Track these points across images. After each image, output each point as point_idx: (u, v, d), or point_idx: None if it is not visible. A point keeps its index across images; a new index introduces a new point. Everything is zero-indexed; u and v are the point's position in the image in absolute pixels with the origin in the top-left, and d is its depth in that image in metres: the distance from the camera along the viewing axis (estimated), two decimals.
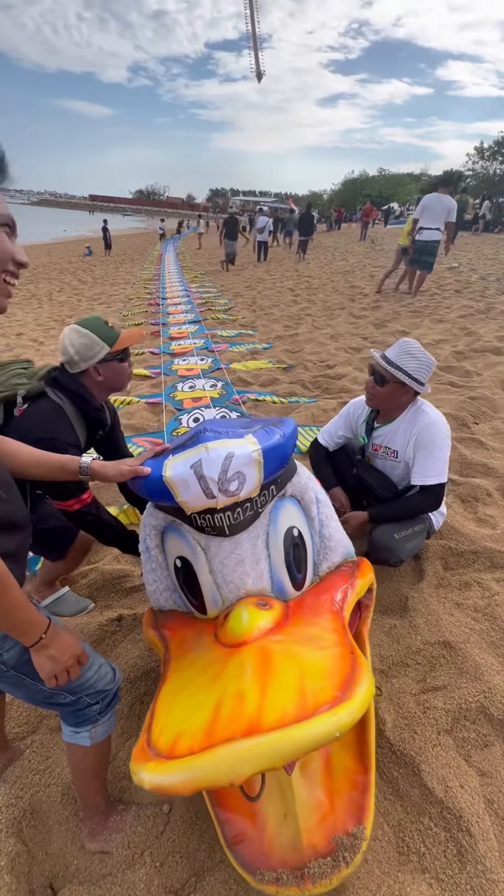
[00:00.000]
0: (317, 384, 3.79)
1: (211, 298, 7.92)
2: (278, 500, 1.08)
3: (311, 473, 1.21)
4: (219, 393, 3.59)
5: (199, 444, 0.98)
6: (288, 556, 1.05)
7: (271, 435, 1.01)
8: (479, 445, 2.65)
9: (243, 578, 1.00)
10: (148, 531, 1.15)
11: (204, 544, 1.03)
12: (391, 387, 1.55)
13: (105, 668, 0.98)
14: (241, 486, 0.95)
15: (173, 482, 0.95)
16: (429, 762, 1.13)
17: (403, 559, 1.61)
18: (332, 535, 1.17)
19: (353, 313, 6.21)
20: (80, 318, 1.40)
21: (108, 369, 1.38)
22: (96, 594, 1.80)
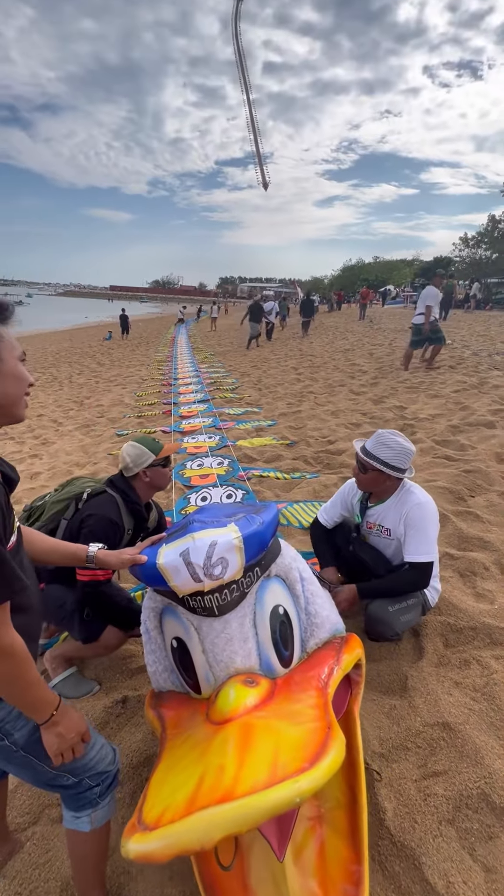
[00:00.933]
0: (318, 459, 3.97)
1: (219, 378, 8.47)
2: (263, 580, 1.17)
3: (296, 553, 1.31)
4: (225, 470, 3.78)
5: (188, 534, 1.12)
6: (274, 634, 1.12)
7: (251, 523, 1.13)
8: (476, 519, 2.74)
9: (232, 657, 1.07)
10: (148, 614, 1.25)
11: (196, 625, 1.12)
12: (373, 474, 1.71)
13: (106, 748, 1.04)
14: (225, 570, 1.06)
15: (166, 569, 1.08)
16: (430, 855, 1.12)
17: (399, 632, 1.65)
18: (319, 612, 1.23)
19: (352, 390, 6.58)
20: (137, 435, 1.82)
21: (154, 473, 1.79)
22: (102, 675, 1.84)
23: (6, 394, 0.86)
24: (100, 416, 6.37)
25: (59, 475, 4.19)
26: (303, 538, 2.70)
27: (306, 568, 1.32)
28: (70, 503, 1.74)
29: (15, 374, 0.87)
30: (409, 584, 1.69)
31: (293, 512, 2.92)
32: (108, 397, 7.63)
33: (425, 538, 1.68)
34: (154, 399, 7.07)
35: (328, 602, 1.34)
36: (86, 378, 9.98)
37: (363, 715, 1.51)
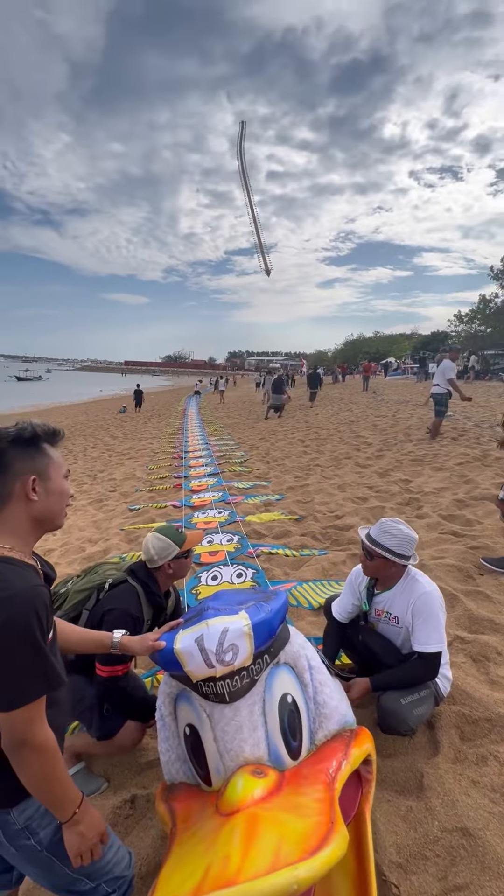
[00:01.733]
0: (327, 535, 4.03)
1: (229, 450, 8.74)
2: (273, 667, 1.22)
3: (305, 640, 1.37)
4: (234, 547, 3.84)
5: (202, 620, 1.21)
6: (283, 723, 1.15)
7: (261, 610, 1.21)
8: (486, 599, 2.73)
9: (242, 745, 1.10)
10: (163, 699, 1.30)
11: (209, 711, 1.16)
12: (379, 561, 1.79)
13: (122, 851, 1.05)
14: (235, 657, 1.12)
15: (182, 654, 1.16)
16: None
17: (413, 727, 1.63)
18: (327, 702, 1.26)
19: (358, 462, 6.76)
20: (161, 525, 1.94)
21: (177, 564, 1.86)
22: (111, 770, 1.81)
23: (51, 509, 1.01)
24: (112, 490, 6.55)
25: (71, 551, 4.26)
26: (313, 619, 2.70)
27: (315, 656, 1.36)
28: (92, 592, 1.80)
29: (60, 490, 1.03)
30: (419, 674, 1.70)
31: (303, 592, 2.94)
32: (121, 471, 7.87)
33: (433, 628, 1.71)
34: (165, 472, 7.28)
35: (337, 692, 1.36)
36: (99, 451, 10.34)
37: (378, 818, 1.46)
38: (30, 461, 0.98)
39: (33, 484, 0.96)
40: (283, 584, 3.06)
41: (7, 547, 0.93)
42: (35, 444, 1.00)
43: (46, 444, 1.03)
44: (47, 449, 1.03)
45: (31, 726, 0.85)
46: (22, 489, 0.96)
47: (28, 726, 0.84)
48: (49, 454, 1.02)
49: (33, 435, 0.99)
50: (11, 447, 0.96)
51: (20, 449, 0.97)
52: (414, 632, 1.73)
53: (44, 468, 1.00)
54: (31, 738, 0.84)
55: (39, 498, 0.98)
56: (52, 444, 1.05)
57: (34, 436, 1.00)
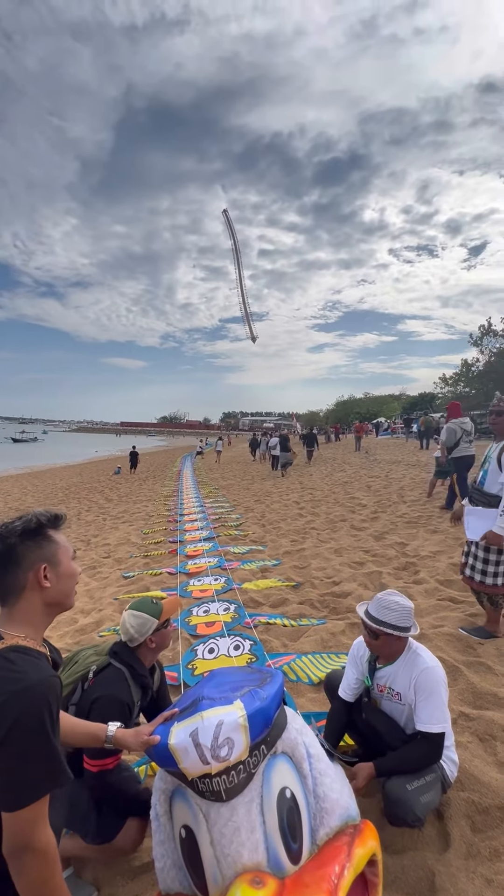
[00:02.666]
0: (325, 603, 3.97)
1: (224, 513, 8.72)
2: (270, 758, 1.15)
3: (302, 724, 1.31)
4: (231, 617, 3.77)
5: (197, 712, 1.15)
6: (282, 822, 1.09)
7: (255, 698, 1.16)
8: (488, 670, 2.69)
9: (239, 850, 1.03)
10: (158, 796, 1.24)
11: (205, 811, 1.10)
12: (384, 639, 1.78)
13: None
14: (231, 752, 1.07)
15: (176, 750, 1.10)
16: None
17: (420, 816, 1.56)
18: (328, 795, 1.19)
19: (354, 525, 6.77)
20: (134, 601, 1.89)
21: (158, 637, 1.81)
22: (101, 875, 1.68)
23: (63, 592, 1.07)
24: (106, 556, 6.45)
25: (63, 624, 4.14)
26: (313, 696, 2.62)
27: (314, 742, 1.30)
28: (77, 684, 1.71)
29: (70, 573, 1.09)
30: (423, 756, 1.65)
31: (302, 665, 2.87)
32: (115, 535, 7.79)
33: (435, 706, 1.68)
34: (160, 537, 7.22)
35: (338, 781, 1.29)
36: (94, 515, 10.26)
37: None
38: (38, 551, 1.04)
39: (45, 572, 1.02)
40: (282, 658, 2.99)
41: (22, 636, 0.97)
42: (41, 533, 1.06)
43: (51, 529, 1.10)
44: (53, 535, 1.09)
45: (35, 827, 0.84)
46: (34, 578, 1.01)
47: (31, 827, 0.84)
48: (55, 540, 1.09)
49: (38, 525, 1.06)
50: (20, 541, 1.01)
51: (29, 541, 1.02)
52: (417, 710, 1.71)
53: (52, 555, 1.06)
54: (34, 842, 0.83)
55: (52, 584, 1.04)
56: (56, 528, 1.12)
57: (39, 525, 1.06)
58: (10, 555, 1.01)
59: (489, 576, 2.93)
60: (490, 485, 2.97)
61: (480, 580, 2.96)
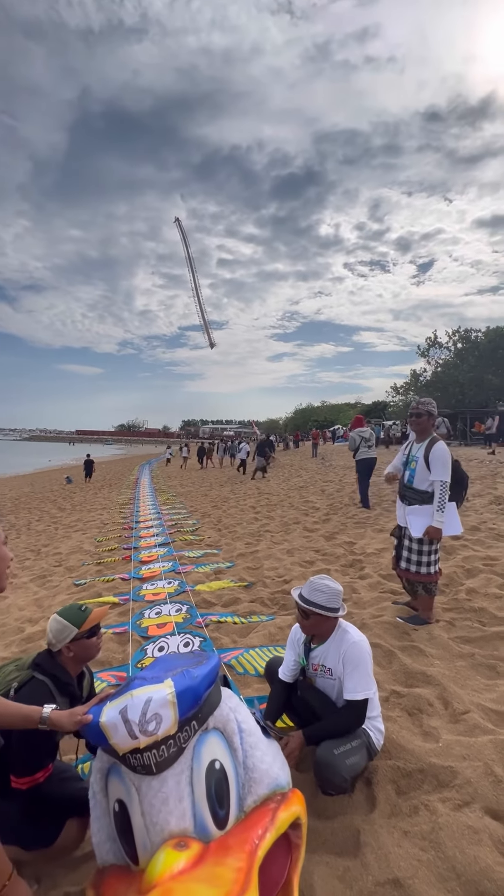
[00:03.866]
0: (275, 601, 4.11)
1: (180, 519, 8.71)
2: (202, 733, 1.22)
3: (238, 703, 1.40)
4: (183, 617, 3.81)
5: (128, 691, 1.22)
6: (210, 791, 1.15)
7: (186, 677, 1.22)
8: (420, 653, 2.90)
9: (167, 818, 1.10)
10: (95, 775, 1.29)
11: (137, 784, 1.15)
12: (314, 618, 1.94)
13: None
14: (159, 726, 1.13)
15: (106, 726, 1.16)
16: None
17: (347, 777, 1.70)
18: (257, 766, 1.27)
19: (306, 527, 6.99)
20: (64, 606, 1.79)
21: (77, 646, 1.70)
22: (41, 870, 1.68)
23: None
24: (57, 565, 6.28)
25: (9, 633, 4.01)
26: (259, 686, 2.72)
27: (247, 718, 1.38)
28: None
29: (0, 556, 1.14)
30: (348, 722, 1.81)
31: (248, 659, 2.97)
32: (68, 544, 7.58)
33: (360, 676, 1.85)
34: (115, 544, 7.11)
35: (269, 755, 1.36)
36: (45, 524, 9.91)
37: (316, 881, 1.48)
38: None
39: None
40: (231, 652, 3.07)
41: None
42: None
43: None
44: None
45: None
46: None
47: None
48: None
49: None
50: None
51: None
52: (345, 681, 1.86)
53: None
54: None
55: None
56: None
57: None
58: None
59: (423, 565, 3.20)
60: (419, 482, 3.22)
61: (416, 570, 3.21)
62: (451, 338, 33.38)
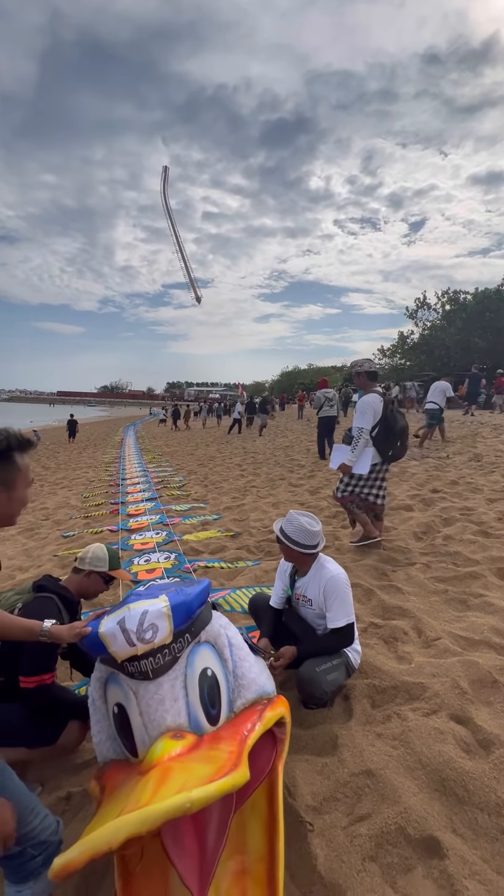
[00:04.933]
0: (260, 548, 4.25)
1: (167, 477, 8.77)
2: (194, 646, 1.33)
3: (227, 622, 1.51)
4: (172, 563, 3.94)
5: (125, 605, 1.33)
6: (202, 693, 1.26)
7: (180, 594, 1.33)
8: (397, 591, 3.08)
9: (164, 715, 1.20)
10: (94, 684, 1.40)
11: (134, 689, 1.25)
12: (283, 546, 2.05)
13: (49, 819, 1.13)
14: (155, 635, 1.23)
15: (105, 636, 1.25)
16: (355, 888, 1.25)
17: (327, 691, 1.86)
18: (245, 675, 1.38)
19: (291, 483, 7.13)
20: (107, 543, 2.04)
21: (92, 580, 1.94)
22: (45, 774, 1.82)
23: (7, 512, 1.11)
24: (45, 519, 6.33)
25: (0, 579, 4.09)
26: (246, 622, 2.87)
27: (236, 635, 1.50)
28: None
29: (20, 499, 1.13)
30: (339, 643, 1.96)
31: (236, 598, 3.11)
32: (54, 500, 7.61)
33: (341, 605, 1.99)
34: (101, 500, 7.16)
35: (256, 666, 1.49)
36: None
37: (297, 774, 1.65)
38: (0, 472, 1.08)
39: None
40: (219, 593, 3.21)
41: None
42: (7, 455, 1.09)
43: (17, 453, 1.13)
44: (17, 459, 1.11)
45: None
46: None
47: None
48: (18, 465, 1.11)
49: (7, 447, 1.08)
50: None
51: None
52: (328, 611, 1.99)
53: (10, 478, 1.09)
54: None
55: (1, 504, 1.08)
56: (22, 452, 1.15)
57: (8, 447, 1.09)
58: None
59: (339, 490, 3.82)
60: (353, 427, 3.61)
61: (338, 493, 3.82)
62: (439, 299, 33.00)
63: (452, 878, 1.26)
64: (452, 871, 1.28)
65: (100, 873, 1.42)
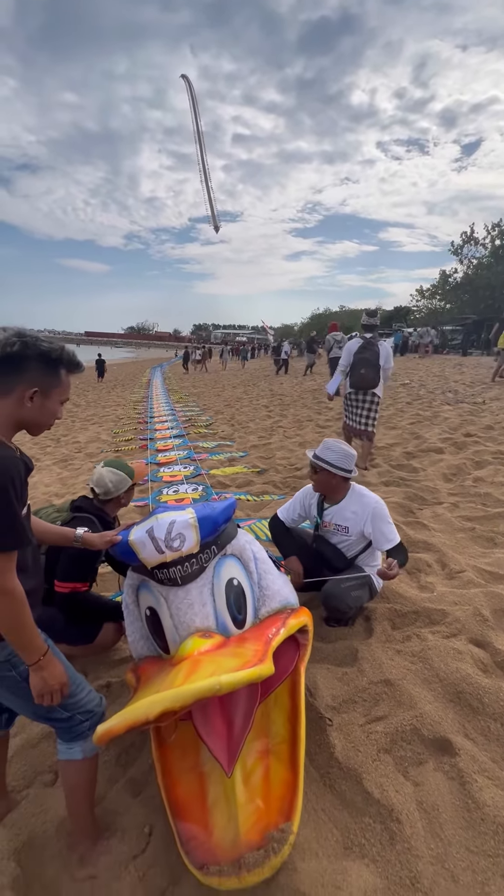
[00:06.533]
0: (286, 484, 4.30)
1: (194, 416, 8.83)
2: (220, 557, 1.39)
3: (252, 538, 1.56)
4: (199, 495, 4.04)
5: (153, 515, 1.39)
6: (229, 600, 1.34)
7: (206, 508, 1.39)
8: (423, 527, 3.09)
9: (192, 618, 1.29)
10: (127, 590, 1.49)
11: (165, 594, 1.33)
12: (322, 474, 2.04)
13: (93, 693, 1.24)
14: (183, 544, 1.29)
15: (135, 543, 1.32)
16: (370, 774, 1.36)
17: (352, 605, 1.93)
18: (270, 586, 1.46)
19: (319, 424, 7.06)
20: (108, 458, 2.07)
21: (127, 495, 2.04)
22: (87, 667, 2.01)
23: (36, 421, 1.12)
24: (77, 452, 6.56)
25: (36, 505, 4.33)
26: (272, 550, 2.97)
27: (261, 550, 1.55)
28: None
29: (52, 412, 1.13)
30: (405, 556, 2.03)
31: (262, 527, 3.18)
32: (85, 435, 7.84)
33: (391, 526, 2.03)
34: (131, 435, 7.33)
35: (280, 579, 1.55)
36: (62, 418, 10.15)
37: (318, 679, 1.75)
38: (41, 377, 1.06)
39: (32, 394, 1.07)
40: (244, 522, 3.30)
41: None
42: (55, 366, 1.10)
43: (64, 369, 1.13)
44: (62, 374, 1.12)
45: (2, 575, 0.97)
46: (21, 394, 1.06)
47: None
48: (61, 379, 1.11)
49: (58, 358, 1.09)
50: (36, 359, 1.05)
51: (41, 363, 1.06)
52: (380, 535, 2.00)
53: (49, 387, 1.09)
54: (1, 584, 0.97)
55: (32, 409, 1.09)
56: (69, 370, 1.15)
57: (59, 359, 1.09)
58: (18, 362, 1.03)
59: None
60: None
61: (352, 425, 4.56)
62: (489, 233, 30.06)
63: (463, 773, 1.34)
64: (463, 766, 1.36)
65: (138, 746, 1.59)
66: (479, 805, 1.25)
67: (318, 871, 1.12)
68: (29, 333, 1.08)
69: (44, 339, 1.08)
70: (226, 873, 1.05)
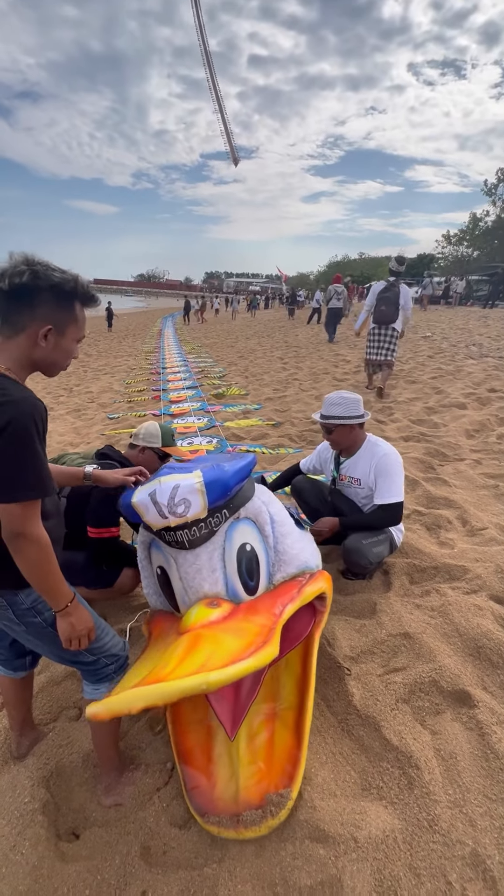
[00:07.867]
0: (302, 437, 4.22)
1: (207, 367, 8.64)
2: (233, 521, 1.31)
3: (271, 497, 1.47)
4: (214, 447, 4.00)
5: (156, 478, 1.30)
6: (241, 566, 1.28)
7: (217, 470, 1.26)
8: (444, 483, 3.01)
9: (201, 584, 1.25)
10: (140, 546, 1.45)
11: (174, 556, 1.29)
12: (338, 431, 1.96)
13: (117, 638, 1.24)
14: (188, 510, 1.21)
15: (138, 506, 1.26)
16: (388, 721, 1.37)
17: (372, 561, 1.91)
18: (287, 551, 1.38)
19: (336, 377, 6.85)
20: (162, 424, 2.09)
21: (147, 456, 2.03)
22: (108, 611, 2.05)
23: (51, 360, 1.03)
24: (90, 402, 6.51)
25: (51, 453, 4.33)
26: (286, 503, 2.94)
27: (279, 511, 1.46)
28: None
29: (67, 350, 1.05)
30: (384, 521, 1.94)
31: None
32: (98, 385, 7.76)
33: (392, 483, 1.94)
34: (143, 386, 7.23)
35: (300, 541, 1.46)
36: (73, 367, 10.02)
37: (337, 631, 1.75)
38: (56, 312, 0.98)
39: (47, 332, 0.98)
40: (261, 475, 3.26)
41: (4, 367, 0.98)
42: (69, 299, 1.00)
43: (79, 303, 1.03)
44: (77, 308, 1.02)
45: (26, 521, 0.93)
46: (35, 331, 0.98)
47: (23, 521, 0.92)
48: (76, 314, 1.02)
49: (72, 290, 0.99)
50: (48, 292, 0.96)
51: (54, 297, 0.97)
52: (377, 488, 1.95)
53: (63, 324, 1.00)
54: (27, 530, 0.93)
55: (46, 348, 1.00)
56: (83, 304, 1.05)
57: (73, 291, 0.99)
58: (29, 296, 0.95)
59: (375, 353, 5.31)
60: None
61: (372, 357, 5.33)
62: None
63: (481, 724, 1.35)
64: (482, 718, 1.36)
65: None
66: (497, 755, 1.26)
67: (337, 810, 1.15)
68: (38, 261, 0.97)
69: (55, 269, 0.98)
70: (224, 825, 1.10)
